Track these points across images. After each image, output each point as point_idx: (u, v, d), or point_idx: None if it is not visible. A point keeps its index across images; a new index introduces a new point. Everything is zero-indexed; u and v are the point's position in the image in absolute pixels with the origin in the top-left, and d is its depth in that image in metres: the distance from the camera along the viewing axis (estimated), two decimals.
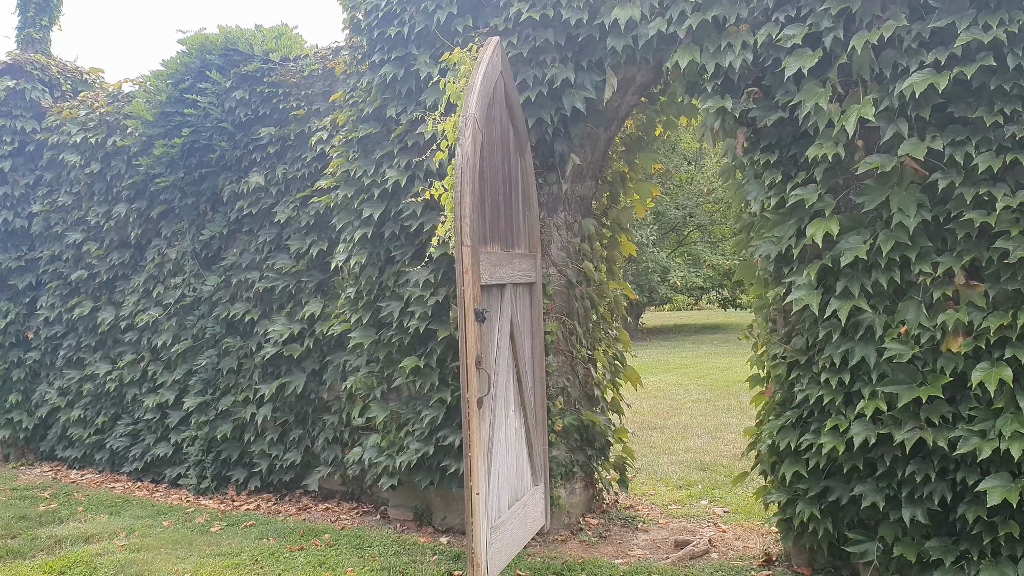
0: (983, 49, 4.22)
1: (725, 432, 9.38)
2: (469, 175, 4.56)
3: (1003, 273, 4.24)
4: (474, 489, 4.54)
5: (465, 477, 4.53)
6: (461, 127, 4.66)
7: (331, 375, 6.79)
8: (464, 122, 4.66)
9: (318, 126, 6.84)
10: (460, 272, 4.52)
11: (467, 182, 4.55)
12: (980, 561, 4.29)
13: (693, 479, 7.28)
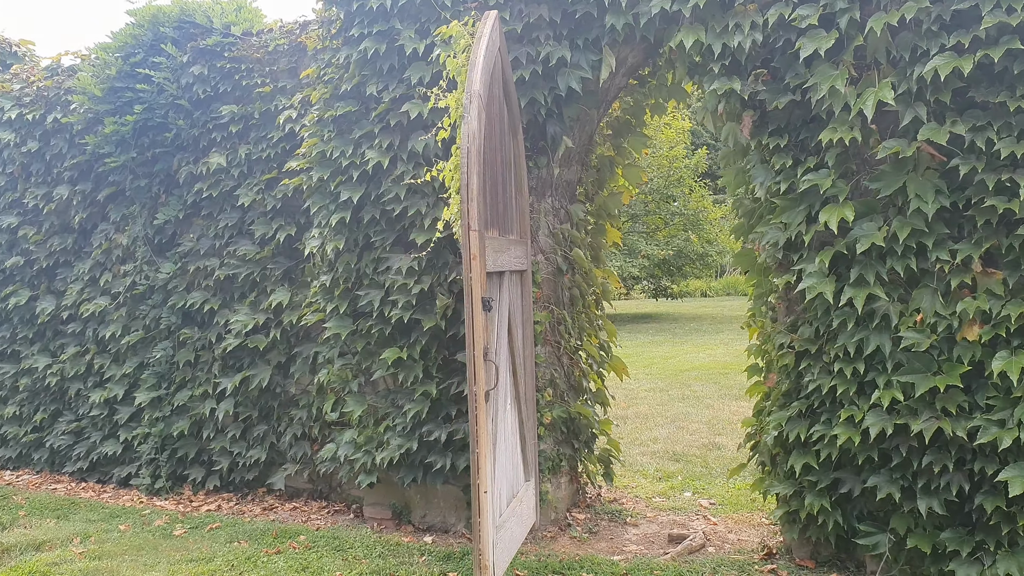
0: (1008, 32, 4.15)
1: (687, 421, 9.31)
2: (476, 155, 4.30)
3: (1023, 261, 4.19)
4: (481, 487, 4.29)
5: (472, 475, 4.28)
6: (465, 104, 4.39)
7: (299, 368, 6.44)
8: (468, 99, 4.39)
9: (285, 104, 6.46)
10: (467, 258, 4.26)
11: (474, 163, 4.29)
12: (997, 551, 4.25)
13: (671, 470, 7.17)
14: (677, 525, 5.82)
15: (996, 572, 4.20)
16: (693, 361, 14.66)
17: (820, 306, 4.62)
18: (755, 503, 6.20)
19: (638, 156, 6.03)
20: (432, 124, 5.58)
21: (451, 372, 5.70)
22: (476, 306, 4.27)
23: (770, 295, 5.10)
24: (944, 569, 4.39)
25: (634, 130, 6.03)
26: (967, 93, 4.32)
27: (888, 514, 4.62)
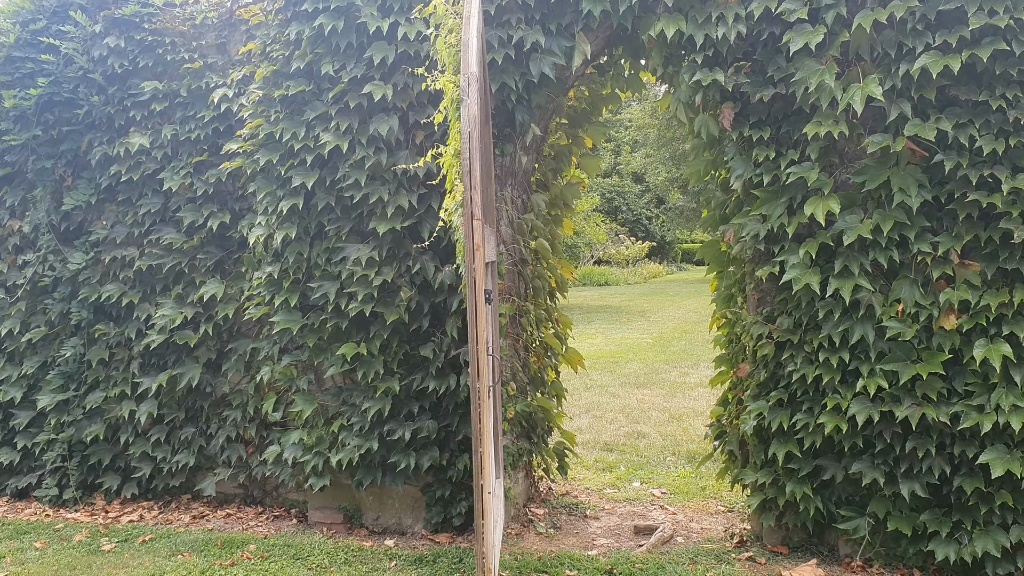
0: (990, 33, 4.33)
1: (602, 411, 9.37)
2: (477, 141, 4.10)
3: (1002, 253, 4.39)
4: (485, 488, 4.11)
5: (475, 475, 4.09)
6: (463, 87, 4.17)
7: (233, 366, 6.00)
8: (467, 81, 4.17)
9: (218, 82, 5.99)
10: (470, 248, 4.06)
11: (476, 148, 4.08)
12: (973, 531, 4.45)
13: (610, 461, 7.17)
14: (637, 516, 5.81)
15: (974, 550, 4.40)
16: (580, 350, 14.77)
17: (804, 297, 4.70)
18: (706, 491, 6.28)
19: (597, 145, 5.96)
20: (396, 107, 5.31)
21: (413, 367, 5.46)
22: (479, 299, 4.08)
23: (746, 286, 5.14)
24: (923, 549, 4.56)
25: (591, 119, 5.95)
26: (948, 91, 4.48)
27: (864, 499, 4.76)
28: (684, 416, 9.03)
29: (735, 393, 5.35)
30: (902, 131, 4.48)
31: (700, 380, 11.27)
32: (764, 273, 4.79)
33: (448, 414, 5.44)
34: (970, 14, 4.31)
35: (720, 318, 5.56)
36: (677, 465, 7.06)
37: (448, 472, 5.43)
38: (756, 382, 4.94)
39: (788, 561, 4.88)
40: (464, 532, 5.48)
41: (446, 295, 5.37)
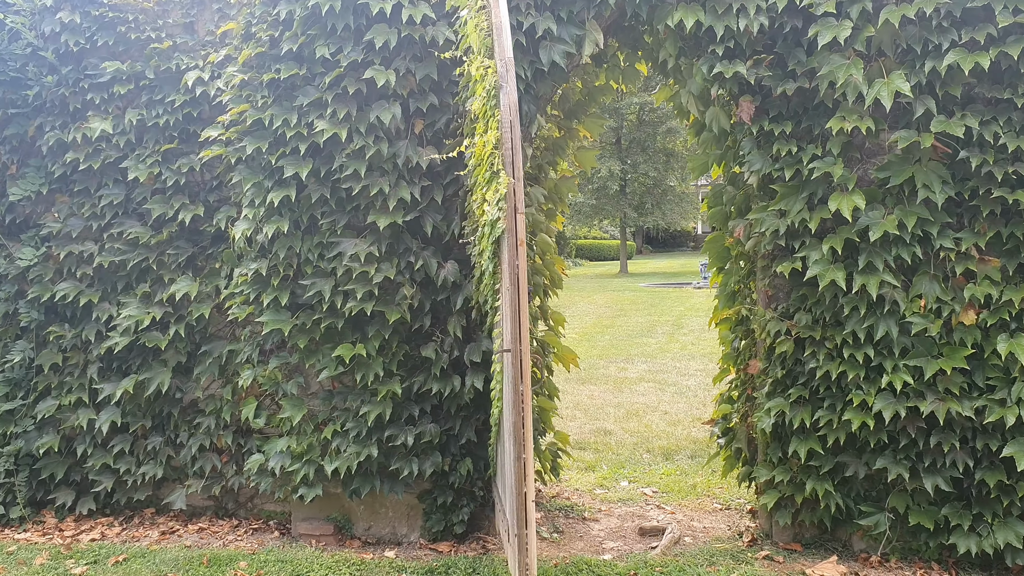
0: (1016, 32, 4.37)
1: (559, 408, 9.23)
2: (517, 130, 3.88)
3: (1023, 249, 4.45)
4: (529, 496, 3.90)
5: (516, 483, 3.87)
6: (501, 73, 3.95)
7: (206, 369, 5.57)
8: (504, 67, 3.95)
9: (189, 63, 5.55)
10: (513, 244, 3.83)
11: (517, 137, 3.87)
12: (993, 523, 4.51)
13: (589, 460, 7.04)
14: (636, 517, 5.69)
15: (995, 542, 4.45)
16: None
17: (828, 293, 4.66)
18: (697, 489, 6.22)
19: (594, 138, 5.80)
20: (396, 95, 5.02)
21: (414, 369, 5.19)
22: (523, 296, 3.86)
23: (759, 282, 5.08)
24: (944, 543, 4.60)
25: (587, 111, 5.79)
26: (970, 89, 4.51)
27: (881, 494, 4.77)
28: (640, 412, 8.99)
29: (743, 390, 5.30)
30: (927, 127, 4.49)
31: (641, 375, 11.29)
32: (786, 269, 4.73)
33: (450, 417, 5.20)
34: (997, 12, 4.34)
35: (724, 315, 5.50)
36: (655, 463, 6.98)
37: (450, 478, 5.19)
38: (773, 379, 4.88)
39: (804, 559, 4.84)
40: (466, 540, 5.25)
41: (449, 292, 5.12)
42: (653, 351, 13.54)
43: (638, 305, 21.04)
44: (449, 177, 5.11)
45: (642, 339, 14.98)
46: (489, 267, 4.27)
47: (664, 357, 12.90)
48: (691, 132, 5.64)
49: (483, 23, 4.23)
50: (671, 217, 38.45)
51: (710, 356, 12.82)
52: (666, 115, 34.43)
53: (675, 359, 12.71)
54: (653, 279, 30.97)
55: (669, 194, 37.65)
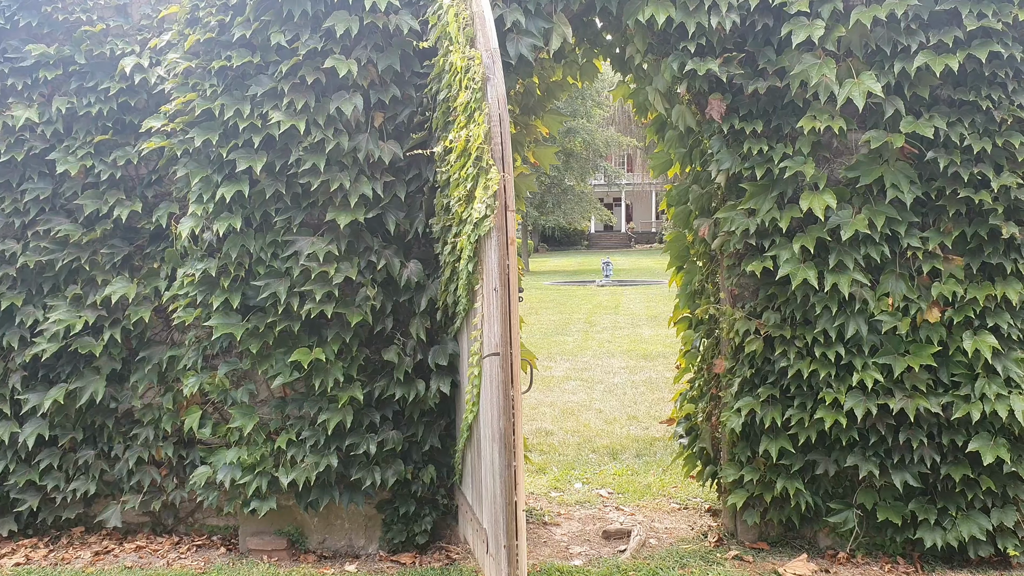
0: (982, 36, 4.47)
1: None
2: (507, 124, 3.73)
3: (987, 248, 4.56)
4: (519, 505, 3.76)
5: (507, 493, 3.72)
6: (487, 64, 3.79)
7: (145, 377, 5.19)
8: (490, 58, 3.80)
9: (124, 49, 5.16)
10: (503, 243, 3.68)
11: (507, 131, 3.72)
12: (957, 516, 4.61)
13: (538, 462, 6.92)
14: (597, 520, 5.61)
15: (959, 535, 4.55)
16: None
17: (799, 292, 4.67)
18: (652, 489, 6.18)
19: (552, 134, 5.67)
20: (357, 85, 4.78)
21: (375, 374, 4.96)
22: (514, 298, 3.72)
23: (723, 281, 5.06)
24: (910, 537, 4.67)
25: (545, 107, 5.66)
26: (936, 91, 4.60)
27: (848, 491, 4.82)
28: (575, 411, 8.94)
29: (707, 389, 5.28)
30: (896, 128, 4.55)
31: (566, 373, 11.27)
32: (756, 267, 4.72)
33: (413, 423, 4.99)
34: (963, 15, 4.43)
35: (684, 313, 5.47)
36: (603, 463, 6.93)
37: (412, 486, 4.98)
38: (741, 378, 4.87)
39: (773, 557, 4.85)
40: (428, 551, 5.05)
41: (412, 293, 4.92)
42: (572, 349, 13.55)
43: (547, 303, 21.10)
44: (412, 173, 4.90)
45: (559, 337, 14.99)
46: (468, 267, 4.10)
47: (584, 355, 12.92)
48: (651, 130, 5.59)
49: (463, 12, 4.05)
50: (571, 216, 38.85)
51: (630, 353, 12.92)
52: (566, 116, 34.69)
53: (596, 356, 12.75)
54: (556, 277, 31.19)
55: (569, 193, 38.04)
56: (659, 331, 15.25)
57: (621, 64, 5.43)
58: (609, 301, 21.23)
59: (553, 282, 28.64)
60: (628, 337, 14.74)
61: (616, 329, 15.87)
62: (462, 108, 3.99)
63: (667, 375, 10.98)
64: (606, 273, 28.23)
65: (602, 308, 19.69)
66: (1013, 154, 4.52)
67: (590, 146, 36.39)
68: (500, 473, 3.77)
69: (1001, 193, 4.48)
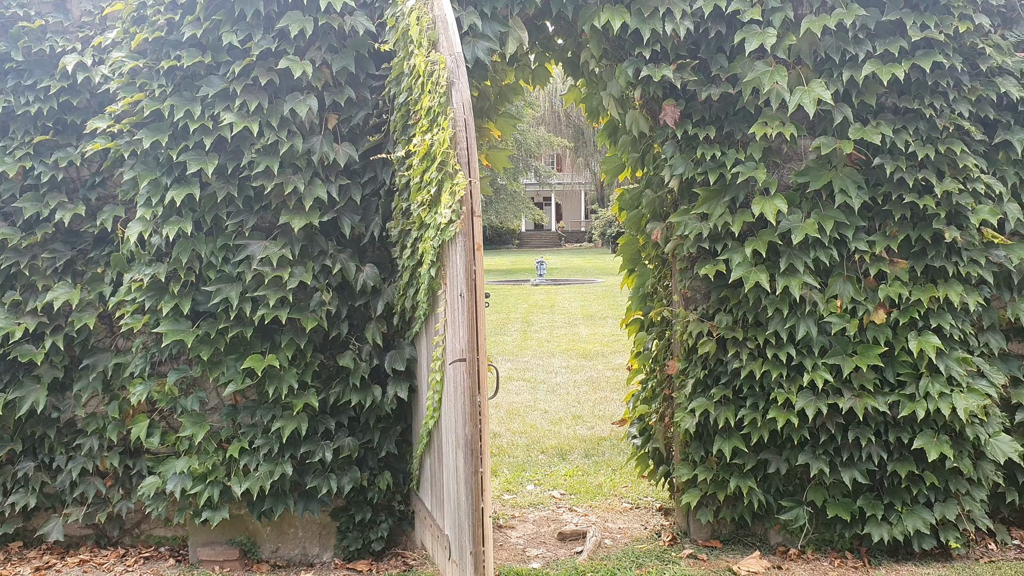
0: (926, 46, 4.63)
1: None
2: (472, 128, 3.72)
3: (930, 251, 4.72)
4: (486, 512, 3.76)
5: (474, 500, 3.72)
6: (451, 68, 3.77)
7: (90, 385, 5.02)
8: (454, 62, 3.78)
9: (65, 46, 4.98)
10: (470, 248, 3.67)
11: (472, 136, 3.71)
12: (902, 511, 4.76)
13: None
14: (551, 522, 5.64)
15: (904, 529, 4.70)
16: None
17: (752, 294, 4.76)
18: (604, 489, 6.24)
19: (505, 137, 5.67)
20: (312, 88, 4.71)
21: (330, 380, 4.90)
22: (480, 304, 3.71)
23: (676, 284, 5.13)
24: (859, 533, 4.81)
25: (498, 110, 5.65)
26: (881, 99, 4.74)
27: (798, 489, 4.93)
28: (520, 411, 8.96)
29: (660, 391, 5.35)
30: (845, 135, 4.68)
31: (509, 374, 11.27)
32: (710, 271, 4.80)
33: (369, 429, 4.94)
34: (908, 26, 4.58)
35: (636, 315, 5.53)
36: (553, 464, 6.96)
37: (368, 493, 4.93)
38: (694, 380, 4.95)
39: (726, 555, 4.94)
40: (384, 557, 5.01)
41: (368, 297, 4.87)
42: (512, 349, 13.58)
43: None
44: (368, 176, 4.85)
45: (497, 337, 14.99)
46: (430, 272, 4.07)
47: (525, 355, 12.96)
48: (603, 135, 5.64)
49: (425, 15, 4.02)
50: (504, 216, 38.92)
51: (569, 353, 13.00)
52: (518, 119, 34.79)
53: (536, 356, 12.80)
54: (490, 276, 31.18)
55: (501, 193, 38.09)
56: (596, 330, 15.39)
57: (573, 69, 5.46)
58: (545, 300, 21.32)
59: (488, 281, 28.62)
60: (566, 336, 14.83)
61: (554, 328, 15.95)
62: (425, 112, 3.97)
63: (607, 374, 11.09)
64: (540, 272, 28.32)
65: (538, 307, 19.76)
66: (954, 161, 4.68)
67: (522, 146, 36.54)
68: (466, 479, 3.76)
69: (943, 198, 4.64)
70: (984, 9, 4.78)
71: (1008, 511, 5.09)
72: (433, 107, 3.87)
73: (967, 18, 4.66)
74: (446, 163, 3.74)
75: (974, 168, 4.70)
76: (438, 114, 3.83)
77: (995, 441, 4.73)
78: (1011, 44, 4.86)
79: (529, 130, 37.67)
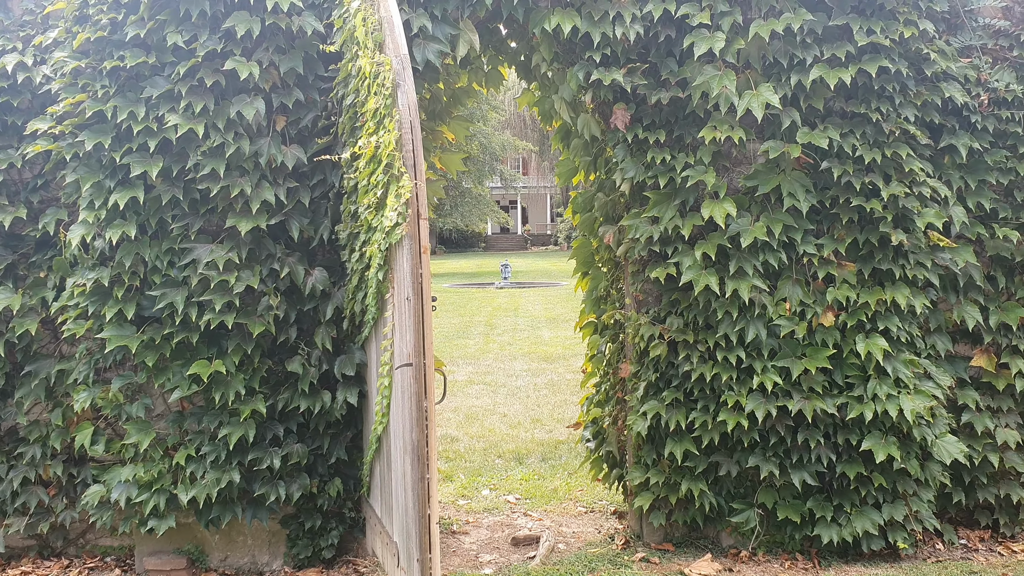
0: (872, 51, 4.68)
1: None
2: (418, 130, 3.69)
3: (877, 254, 4.76)
4: (433, 518, 3.72)
5: (420, 505, 3.68)
6: (397, 70, 3.75)
7: (32, 392, 4.90)
8: (400, 64, 3.75)
9: (4, 46, 4.87)
10: (416, 251, 3.64)
11: (418, 138, 3.68)
12: (851, 512, 4.79)
13: (445, 469, 6.86)
14: (506, 527, 5.61)
15: (853, 530, 4.73)
16: None
17: (702, 297, 4.78)
18: (559, 493, 6.22)
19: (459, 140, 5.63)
20: (259, 88, 4.65)
21: (278, 385, 4.83)
22: (427, 307, 3.68)
23: (628, 287, 5.13)
24: (808, 535, 4.83)
25: (451, 113, 5.62)
26: (828, 103, 4.78)
27: (749, 491, 4.95)
28: (479, 415, 8.93)
29: (613, 393, 5.34)
30: (793, 138, 4.71)
31: (469, 377, 11.24)
32: (660, 274, 4.80)
33: (318, 435, 4.88)
34: (854, 31, 4.62)
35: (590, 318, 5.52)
36: (509, 468, 6.94)
37: (318, 500, 4.87)
38: (646, 382, 4.95)
39: (678, 558, 4.94)
40: (335, 565, 4.95)
41: (317, 301, 4.81)
42: (474, 352, 13.54)
43: (446, 306, 21.01)
44: (317, 178, 4.80)
45: (460, 340, 14.95)
46: (378, 276, 4.03)
47: (486, 358, 12.93)
48: (556, 138, 5.63)
49: (371, 16, 3.98)
50: (469, 219, 38.90)
51: (531, 356, 12.99)
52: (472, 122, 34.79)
53: (497, 360, 12.77)
54: (455, 279, 31.12)
55: (466, 196, 38.09)
56: (558, 333, 15.40)
57: (526, 72, 5.45)
58: (509, 303, 21.31)
59: (452, 284, 28.56)
60: (529, 339, 14.83)
61: (516, 331, 15.94)
62: (371, 114, 3.93)
63: (568, 377, 11.09)
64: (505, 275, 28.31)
65: (502, 310, 19.75)
66: (900, 165, 4.73)
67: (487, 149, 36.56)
68: (413, 486, 3.72)
69: (890, 202, 4.69)
70: (929, 15, 4.84)
71: (955, 511, 5.15)
72: (379, 109, 3.83)
73: (912, 23, 4.72)
74: (392, 165, 3.70)
75: (920, 172, 4.75)
76: (384, 116, 3.80)
77: (941, 442, 4.79)
78: (955, 50, 4.93)
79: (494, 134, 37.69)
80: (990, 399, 5.07)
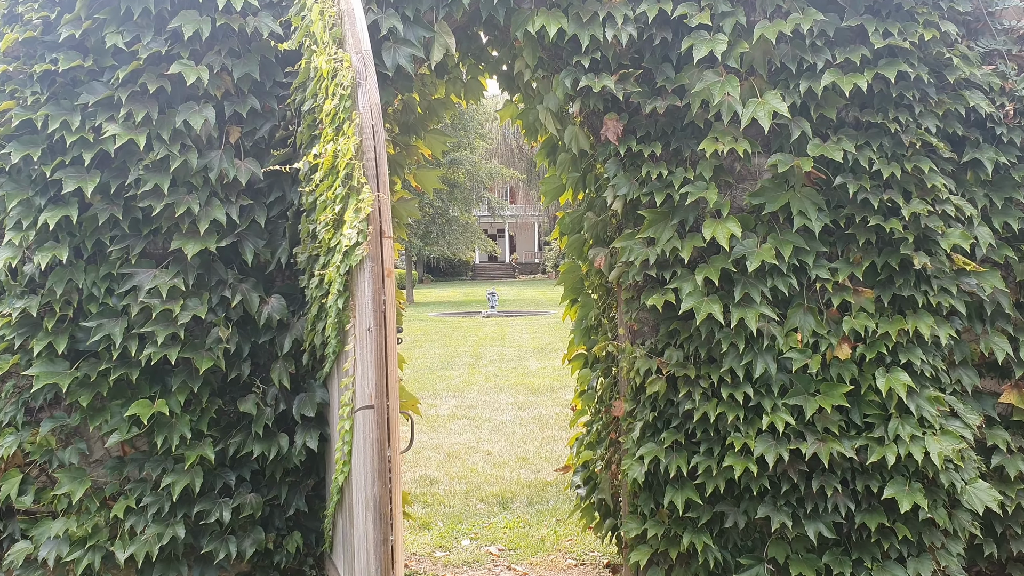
0: (889, 55, 4.23)
1: None
2: (381, 136, 3.21)
3: (898, 279, 4.28)
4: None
5: (382, 571, 3.15)
6: (359, 68, 3.27)
7: None
8: (361, 61, 3.28)
9: None
10: (379, 274, 3.15)
11: (382, 144, 3.20)
12: (873, 567, 4.28)
13: (422, 516, 6.31)
14: None
15: None
16: None
17: (704, 327, 4.29)
18: (546, 543, 5.68)
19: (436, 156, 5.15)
20: (210, 96, 4.17)
21: (229, 428, 4.31)
22: (391, 339, 3.17)
23: (622, 315, 4.64)
24: None
25: (427, 126, 5.15)
26: (842, 112, 4.34)
27: (757, 544, 4.43)
28: (462, 453, 8.40)
29: (605, 434, 4.84)
30: (803, 151, 4.25)
31: (452, 412, 10.71)
32: (658, 301, 4.31)
33: (275, 484, 4.36)
34: (870, 33, 4.18)
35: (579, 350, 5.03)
36: (493, 513, 6.40)
37: (275, 557, 4.34)
38: (643, 422, 4.44)
39: None
40: None
41: (274, 333, 4.31)
42: (458, 384, 13.01)
43: (432, 336, 20.50)
44: (275, 195, 4.31)
45: (444, 371, 14.42)
46: (338, 303, 3.53)
47: (471, 391, 12.40)
48: (541, 154, 5.18)
49: (330, 9, 3.51)
50: (456, 247, 38.47)
51: (517, 388, 12.47)
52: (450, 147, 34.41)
53: (483, 392, 12.24)
54: (441, 308, 30.62)
55: (453, 224, 37.68)
56: (546, 363, 14.89)
57: (509, 82, 5.00)
58: (495, 332, 20.80)
59: (438, 313, 28.05)
60: (515, 370, 14.31)
61: (503, 362, 15.42)
62: (329, 119, 3.45)
63: (556, 411, 10.57)
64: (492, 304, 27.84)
65: (488, 340, 19.23)
66: (922, 180, 4.28)
67: (474, 177, 36.19)
68: (375, 548, 3.20)
69: (911, 221, 4.22)
70: (951, 16, 4.42)
71: (985, 564, 4.64)
72: (338, 112, 3.36)
73: (932, 25, 4.29)
74: (351, 176, 3.22)
75: (943, 188, 4.30)
76: (343, 120, 3.32)
77: (972, 488, 4.29)
78: (978, 55, 4.50)
79: (481, 162, 37.39)
80: (1022, 439, 4.58)
